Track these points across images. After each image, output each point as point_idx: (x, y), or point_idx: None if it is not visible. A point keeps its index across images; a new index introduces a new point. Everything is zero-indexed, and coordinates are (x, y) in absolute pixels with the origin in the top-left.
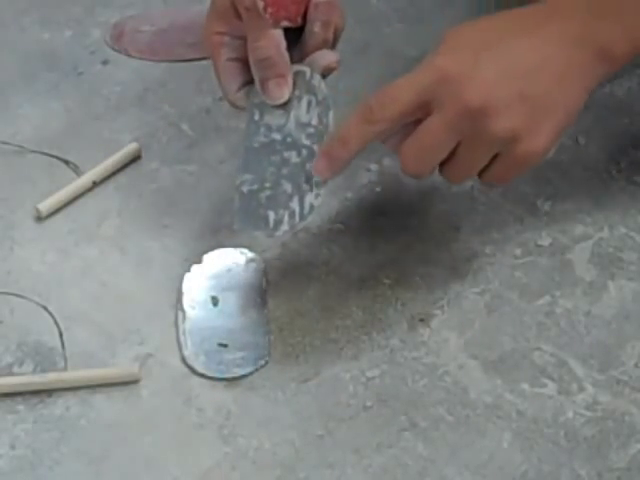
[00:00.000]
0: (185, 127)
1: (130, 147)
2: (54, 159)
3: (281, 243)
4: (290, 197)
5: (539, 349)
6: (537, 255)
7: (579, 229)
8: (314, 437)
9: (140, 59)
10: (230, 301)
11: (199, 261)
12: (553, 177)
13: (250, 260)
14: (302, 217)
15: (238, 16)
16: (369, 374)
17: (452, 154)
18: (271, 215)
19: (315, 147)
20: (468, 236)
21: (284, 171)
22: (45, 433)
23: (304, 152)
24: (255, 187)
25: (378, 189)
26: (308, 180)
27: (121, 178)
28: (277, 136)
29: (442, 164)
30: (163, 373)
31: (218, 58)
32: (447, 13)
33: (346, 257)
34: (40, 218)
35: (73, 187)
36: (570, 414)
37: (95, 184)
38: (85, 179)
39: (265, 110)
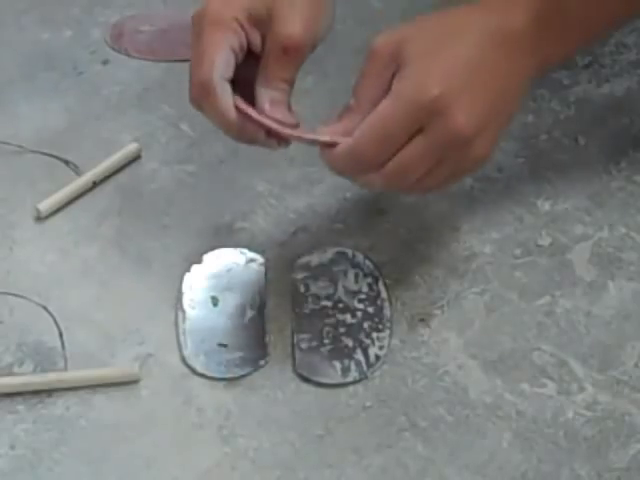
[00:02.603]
0: (185, 127)
1: (130, 147)
2: (54, 159)
3: (281, 243)
4: (353, 350)
5: (539, 349)
6: (537, 255)
7: (579, 229)
8: (314, 437)
9: (140, 59)
10: (230, 301)
11: (199, 261)
12: (553, 177)
13: (250, 260)
14: (370, 366)
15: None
16: (369, 374)
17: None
18: (337, 365)
19: (370, 309)
20: (468, 236)
21: (341, 330)
22: (45, 433)
23: (359, 314)
24: (314, 344)
25: None
26: (368, 335)
27: (121, 178)
28: (327, 303)
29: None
30: (163, 373)
31: (225, 43)
32: None
33: None
34: (40, 218)
35: (73, 187)
36: (570, 414)
37: (95, 184)
38: (85, 179)
39: (310, 283)
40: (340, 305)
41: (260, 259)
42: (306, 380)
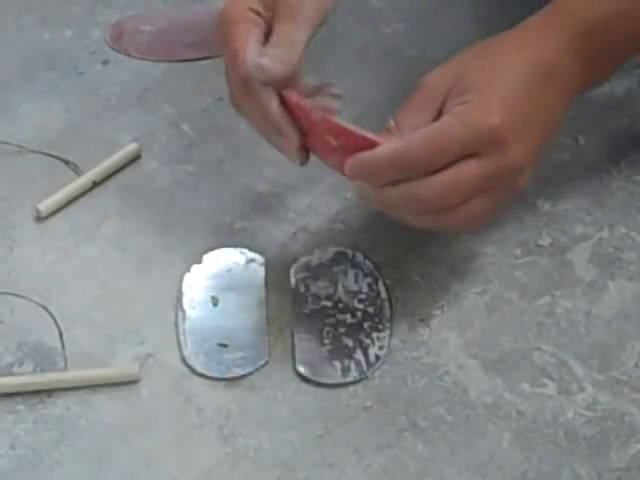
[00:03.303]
0: (185, 127)
1: (130, 147)
2: (54, 159)
3: (281, 243)
4: (353, 350)
5: (539, 349)
6: (537, 255)
7: (579, 229)
8: (314, 437)
9: (140, 59)
10: (230, 301)
11: (199, 261)
12: (553, 177)
13: (250, 260)
14: (370, 366)
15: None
16: (369, 374)
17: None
18: (337, 365)
19: (370, 309)
20: (468, 236)
21: (341, 330)
22: (45, 433)
23: (359, 314)
24: (314, 344)
25: None
26: (368, 335)
27: (121, 178)
28: (327, 303)
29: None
30: (163, 373)
31: (250, 35)
32: (447, 13)
33: None
34: (40, 218)
35: (73, 187)
36: (570, 414)
37: (95, 184)
38: (85, 179)
39: (310, 283)
40: (340, 305)
41: (260, 259)
42: (306, 380)
